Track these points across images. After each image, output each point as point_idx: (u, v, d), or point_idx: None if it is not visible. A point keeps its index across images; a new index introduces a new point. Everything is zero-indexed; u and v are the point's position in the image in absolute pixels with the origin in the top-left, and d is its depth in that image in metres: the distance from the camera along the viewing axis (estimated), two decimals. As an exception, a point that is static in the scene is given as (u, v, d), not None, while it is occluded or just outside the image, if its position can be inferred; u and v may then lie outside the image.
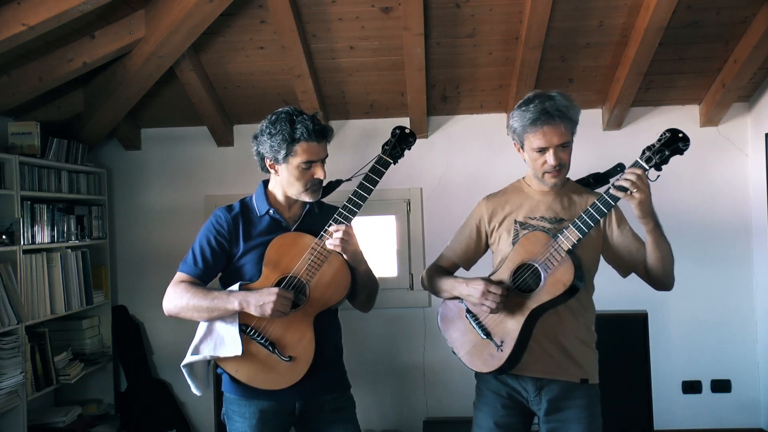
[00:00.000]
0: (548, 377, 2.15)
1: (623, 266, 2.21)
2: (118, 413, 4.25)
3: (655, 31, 3.41)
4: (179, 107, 4.21)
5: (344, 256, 2.10)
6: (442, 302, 2.31)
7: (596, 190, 2.27)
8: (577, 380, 2.16)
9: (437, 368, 4.22)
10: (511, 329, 2.09)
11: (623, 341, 3.63)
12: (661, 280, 2.15)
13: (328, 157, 2.16)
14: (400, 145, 2.19)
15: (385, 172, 2.16)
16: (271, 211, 2.18)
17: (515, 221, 2.20)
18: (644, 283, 2.31)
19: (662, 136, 1.99)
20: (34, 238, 3.63)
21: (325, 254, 2.09)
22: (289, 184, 2.14)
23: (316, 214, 2.21)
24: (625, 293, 2.85)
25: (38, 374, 3.58)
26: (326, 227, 2.10)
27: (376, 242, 4.26)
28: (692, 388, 4.20)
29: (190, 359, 2.11)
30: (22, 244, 3.49)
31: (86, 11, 2.99)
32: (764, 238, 4.04)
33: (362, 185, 2.13)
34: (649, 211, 2.01)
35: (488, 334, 2.14)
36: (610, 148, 4.12)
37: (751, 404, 4.18)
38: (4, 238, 3.39)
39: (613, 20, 3.55)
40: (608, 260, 2.23)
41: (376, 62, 3.85)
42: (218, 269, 2.18)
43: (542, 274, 2.07)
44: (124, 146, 4.45)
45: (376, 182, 2.13)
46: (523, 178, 2.30)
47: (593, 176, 2.28)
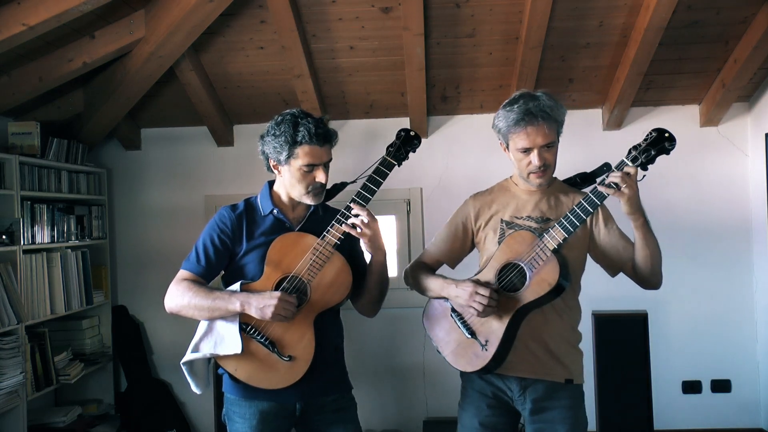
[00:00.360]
0: (533, 377, 2.14)
1: (611, 265, 2.20)
2: (118, 413, 4.25)
3: (655, 31, 3.42)
4: (179, 107, 4.21)
5: (363, 241, 2.10)
6: (427, 300, 2.30)
7: (583, 189, 2.27)
8: (561, 380, 2.15)
9: (437, 368, 4.22)
10: (495, 328, 2.09)
11: (623, 341, 3.63)
12: (649, 278, 2.14)
13: (331, 160, 2.15)
14: (404, 147, 2.19)
15: (389, 174, 2.16)
16: (275, 211, 2.18)
17: (501, 220, 2.20)
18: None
19: (648, 135, 1.98)
20: (34, 238, 3.63)
21: (327, 255, 2.09)
22: (291, 185, 2.15)
23: (320, 215, 2.21)
24: (625, 293, 2.85)
25: (38, 374, 3.58)
26: (328, 228, 2.10)
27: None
28: (692, 388, 4.20)
29: (189, 357, 2.11)
30: (22, 244, 3.49)
31: (86, 11, 3.00)
32: (764, 238, 4.03)
33: (366, 187, 2.13)
34: (637, 206, 2.00)
35: (473, 333, 2.13)
36: (610, 148, 4.08)
37: (751, 404, 4.18)
38: (4, 238, 3.39)
39: (613, 20, 3.55)
40: (596, 259, 2.22)
41: (376, 62, 3.85)
42: (221, 267, 2.19)
43: (527, 273, 2.07)
44: (124, 146, 4.45)
45: (379, 184, 2.14)
46: (510, 177, 2.29)
47: (580, 176, 2.27)
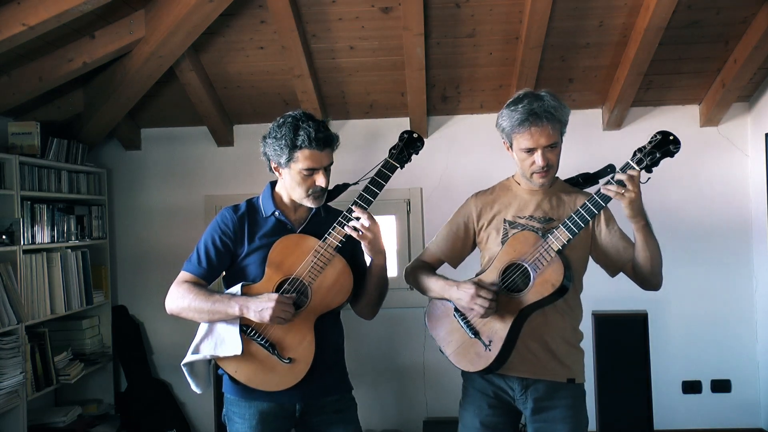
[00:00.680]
0: (534, 377, 2.14)
1: (611, 266, 2.20)
2: (118, 413, 4.25)
3: (655, 31, 3.41)
4: (179, 107, 4.21)
5: (364, 244, 2.09)
6: (429, 300, 2.31)
7: (585, 189, 2.27)
8: (563, 380, 2.16)
9: (437, 368, 4.23)
10: (499, 329, 2.09)
11: (623, 341, 3.63)
12: (648, 279, 2.14)
13: (332, 163, 2.15)
14: (407, 149, 2.19)
15: (391, 176, 2.16)
16: (276, 212, 2.18)
17: (504, 220, 2.20)
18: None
19: (653, 138, 1.98)
20: (34, 238, 3.63)
21: (328, 257, 2.09)
22: (291, 188, 2.14)
23: (322, 217, 2.21)
24: (625, 293, 2.85)
25: (38, 374, 3.58)
26: (329, 231, 2.10)
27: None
28: (692, 388, 4.20)
29: (190, 358, 2.12)
30: (22, 244, 3.49)
31: (86, 11, 2.99)
32: (764, 238, 4.04)
33: (368, 189, 2.13)
34: (639, 210, 2.01)
35: (476, 333, 2.13)
36: (610, 148, 4.12)
37: (751, 404, 4.18)
38: (4, 238, 3.39)
39: (613, 20, 3.55)
40: (596, 259, 2.22)
41: (376, 62, 3.85)
42: (222, 269, 2.19)
43: (531, 274, 2.07)
44: (124, 146, 4.45)
45: (382, 186, 2.14)
46: (512, 176, 2.29)
47: (582, 176, 2.28)
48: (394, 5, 3.45)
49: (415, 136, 2.20)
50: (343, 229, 2.09)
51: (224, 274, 2.22)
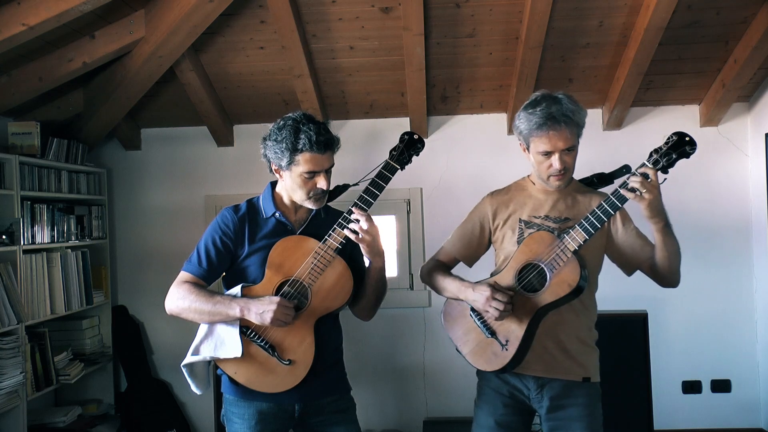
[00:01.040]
0: (550, 376, 2.15)
1: (627, 264, 2.21)
2: (118, 413, 4.25)
3: (655, 31, 3.41)
4: (179, 107, 4.21)
5: (362, 246, 2.09)
6: (445, 300, 2.31)
7: (600, 189, 2.27)
8: (579, 379, 2.17)
9: (437, 368, 4.23)
10: (515, 329, 2.10)
11: (623, 341, 3.63)
12: (667, 277, 2.15)
13: (333, 166, 2.14)
14: (408, 150, 2.19)
15: (391, 177, 2.16)
16: (277, 213, 2.17)
17: (520, 220, 2.20)
18: (644, 283, 2.31)
19: (669, 138, 1.97)
20: (34, 238, 3.63)
21: (328, 259, 2.09)
22: (292, 190, 2.14)
23: (322, 218, 2.21)
24: (625, 293, 2.85)
25: (38, 374, 3.58)
26: (330, 232, 2.10)
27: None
28: (692, 388, 4.20)
29: (190, 359, 2.12)
30: (22, 244, 3.49)
31: (86, 11, 2.99)
32: (764, 238, 4.04)
33: (368, 191, 2.13)
34: (658, 210, 2.01)
35: (493, 333, 2.14)
36: (610, 148, 4.12)
37: (751, 404, 4.18)
38: (4, 238, 3.39)
39: (613, 20, 3.55)
40: (612, 259, 2.23)
41: (376, 62, 3.85)
42: (222, 270, 2.19)
43: (548, 274, 2.07)
44: (124, 146, 4.45)
45: (382, 188, 2.13)
46: (527, 176, 2.29)
47: (597, 176, 2.28)
48: (394, 5, 3.45)
49: (415, 137, 2.20)
50: (342, 230, 2.09)
51: (224, 274, 2.22)
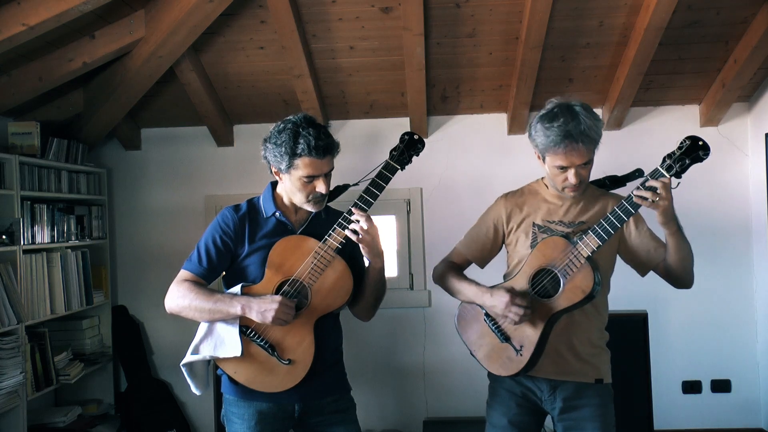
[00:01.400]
0: (562, 378, 2.17)
1: (641, 266, 2.21)
2: (118, 413, 4.25)
3: (655, 31, 3.41)
4: (179, 107, 4.21)
5: (362, 246, 2.09)
6: (459, 303, 2.31)
7: (612, 191, 2.27)
8: (591, 380, 2.18)
9: (437, 368, 4.23)
10: (530, 334, 2.11)
11: (623, 341, 3.61)
12: (681, 278, 2.16)
13: (333, 169, 2.14)
14: (408, 151, 2.19)
15: (391, 177, 2.16)
16: (277, 213, 2.18)
17: (534, 224, 2.20)
18: (644, 282, 2.32)
19: (682, 143, 1.97)
20: (34, 238, 3.63)
21: (328, 259, 2.09)
22: (292, 193, 2.14)
23: (322, 218, 2.21)
24: (625, 293, 2.85)
25: (38, 374, 3.58)
26: (330, 232, 2.10)
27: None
28: (692, 388, 4.20)
29: (189, 359, 2.12)
30: (22, 244, 3.49)
31: (86, 11, 2.99)
32: (764, 238, 4.03)
33: (368, 191, 2.13)
34: (672, 216, 2.01)
35: (507, 338, 2.15)
36: (610, 148, 4.08)
37: (751, 404, 4.18)
38: (4, 238, 3.39)
39: (613, 20, 3.55)
40: (626, 260, 2.24)
41: (376, 62, 3.85)
42: (222, 269, 2.19)
43: (561, 280, 2.07)
44: (124, 146, 4.45)
45: (382, 188, 2.14)
46: (541, 179, 2.29)
47: (610, 178, 2.28)
48: (394, 5, 3.45)
49: (415, 137, 2.20)
50: (342, 230, 2.09)
51: (224, 274, 2.22)
